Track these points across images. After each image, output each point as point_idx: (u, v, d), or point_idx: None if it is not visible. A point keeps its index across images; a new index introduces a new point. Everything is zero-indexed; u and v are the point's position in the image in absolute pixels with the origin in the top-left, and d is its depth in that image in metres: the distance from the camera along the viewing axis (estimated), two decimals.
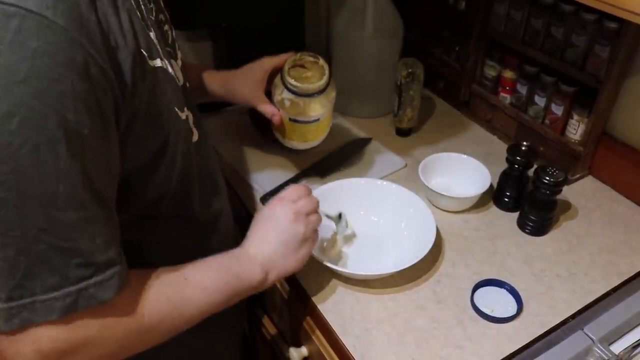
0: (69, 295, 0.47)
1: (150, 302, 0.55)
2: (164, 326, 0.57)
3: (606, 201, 0.95)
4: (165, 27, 0.66)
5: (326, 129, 0.91)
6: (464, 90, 1.16)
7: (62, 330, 0.48)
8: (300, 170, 1.01)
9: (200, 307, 0.60)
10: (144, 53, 0.52)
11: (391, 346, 0.72)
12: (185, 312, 0.58)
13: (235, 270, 0.64)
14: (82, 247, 0.47)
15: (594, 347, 0.74)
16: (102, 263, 0.49)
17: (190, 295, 0.58)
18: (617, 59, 0.86)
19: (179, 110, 0.60)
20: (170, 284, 0.58)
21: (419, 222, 0.86)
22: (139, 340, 0.56)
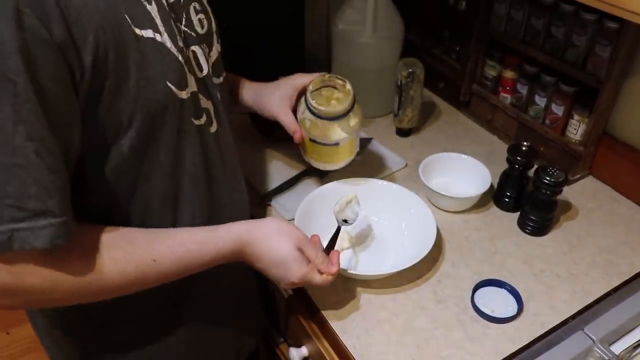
0: (3, 233, 0.49)
1: (108, 261, 0.57)
2: (126, 284, 0.59)
3: (606, 201, 0.95)
4: (200, 16, 0.68)
5: (348, 155, 0.91)
6: (464, 90, 1.16)
7: (2, 269, 0.51)
8: (301, 170, 1.01)
9: (162, 273, 0.62)
10: (127, 18, 0.53)
11: (391, 346, 0.72)
12: (149, 271, 0.61)
13: (208, 260, 0.65)
14: (13, 191, 0.48)
15: (595, 347, 0.74)
16: (37, 211, 0.50)
17: (153, 258, 0.60)
18: (618, 59, 0.86)
19: (177, 87, 0.60)
20: (133, 244, 0.60)
21: (419, 222, 0.86)
22: (97, 294, 0.59)
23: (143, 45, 0.55)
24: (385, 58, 1.12)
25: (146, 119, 0.57)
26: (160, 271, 0.61)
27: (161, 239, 0.62)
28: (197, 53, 0.66)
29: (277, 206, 0.94)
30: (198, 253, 0.64)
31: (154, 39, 0.56)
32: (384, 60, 1.11)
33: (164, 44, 0.58)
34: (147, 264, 0.60)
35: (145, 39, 0.55)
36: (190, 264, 0.64)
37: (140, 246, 0.60)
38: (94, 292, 0.57)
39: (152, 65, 0.56)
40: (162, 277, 0.62)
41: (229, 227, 0.67)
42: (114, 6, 0.52)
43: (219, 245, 0.65)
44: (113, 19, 0.52)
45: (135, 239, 0.60)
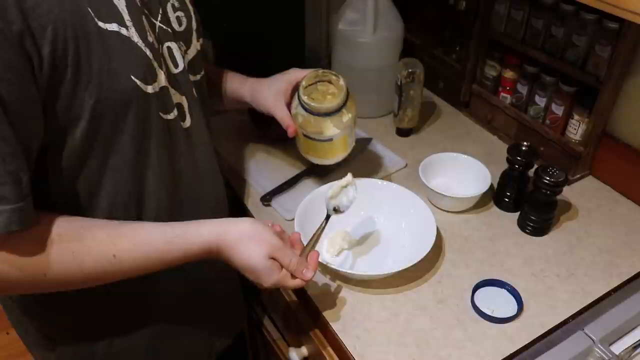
0: None
1: (65, 253, 0.57)
2: (83, 277, 0.60)
3: (606, 201, 0.95)
4: (178, 14, 0.68)
5: (342, 150, 0.91)
6: (465, 90, 1.16)
7: None
8: (300, 170, 1.01)
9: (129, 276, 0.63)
10: (89, 11, 0.53)
11: (391, 346, 0.72)
12: (109, 267, 0.60)
13: (175, 255, 0.64)
14: None
15: (595, 347, 0.74)
16: None
17: (116, 272, 0.61)
18: (618, 59, 0.86)
19: (142, 81, 0.60)
20: (94, 255, 0.59)
21: (419, 222, 0.86)
22: (51, 285, 0.59)
23: (106, 39, 0.55)
24: (385, 58, 1.12)
25: (109, 111, 0.57)
26: (121, 268, 0.61)
27: (126, 234, 0.61)
28: (173, 49, 0.66)
29: (277, 206, 0.94)
30: (162, 254, 0.63)
31: (118, 32, 0.57)
32: (384, 60, 1.11)
33: (130, 38, 0.58)
34: (107, 259, 0.59)
35: (109, 32, 0.56)
36: (153, 263, 0.63)
37: (102, 240, 0.59)
38: (48, 282, 0.58)
39: (116, 59, 0.56)
40: (121, 274, 0.62)
41: (200, 228, 0.65)
42: (76, 1, 0.52)
43: (186, 247, 0.64)
44: (74, 11, 0.52)
45: (97, 232, 0.60)
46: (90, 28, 0.54)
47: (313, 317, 0.80)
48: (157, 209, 0.68)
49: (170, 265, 0.64)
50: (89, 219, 0.61)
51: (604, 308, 0.78)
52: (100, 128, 0.58)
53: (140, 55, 0.60)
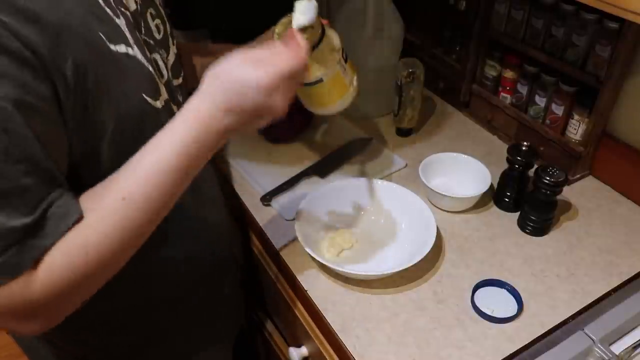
0: (13, 256, 0.48)
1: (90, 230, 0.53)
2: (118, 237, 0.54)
3: (606, 201, 0.95)
4: (156, 22, 0.67)
5: (343, 90, 0.81)
6: (465, 90, 1.16)
7: (20, 287, 0.49)
8: (300, 170, 1.01)
9: (154, 217, 0.56)
10: (101, 36, 0.53)
11: (391, 346, 0.72)
12: (136, 231, 0.55)
13: (184, 156, 0.55)
14: (9, 215, 0.47)
15: (595, 347, 0.74)
16: (38, 217, 0.49)
17: (136, 217, 0.54)
18: (618, 59, 0.85)
19: (152, 98, 0.59)
20: (108, 212, 0.54)
21: (419, 222, 0.86)
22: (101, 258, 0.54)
23: (118, 61, 0.55)
24: (385, 58, 1.12)
25: (128, 131, 0.57)
26: (140, 204, 0.54)
27: (123, 176, 0.55)
28: (157, 60, 0.65)
29: (277, 206, 0.94)
30: (160, 163, 0.55)
31: (127, 54, 0.57)
32: (384, 60, 1.11)
33: (136, 56, 0.58)
34: (120, 206, 0.54)
35: (120, 54, 0.56)
36: (161, 180, 0.55)
37: (105, 195, 0.54)
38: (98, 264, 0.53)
39: (128, 79, 0.57)
40: (147, 207, 0.55)
41: (175, 116, 0.57)
42: (89, 24, 0.52)
43: (179, 138, 0.55)
44: (89, 37, 0.52)
45: (97, 192, 0.55)
46: (104, 52, 0.54)
47: (313, 317, 0.80)
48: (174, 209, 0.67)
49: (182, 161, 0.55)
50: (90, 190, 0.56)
51: (604, 308, 0.78)
52: (122, 147, 0.57)
53: (146, 73, 0.60)
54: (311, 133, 1.12)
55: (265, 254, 0.94)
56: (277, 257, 0.88)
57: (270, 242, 0.88)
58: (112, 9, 0.57)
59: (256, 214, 0.94)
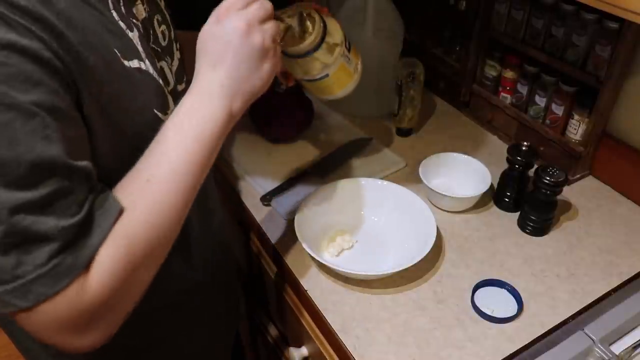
0: (68, 256, 0.47)
1: (129, 226, 0.52)
2: (160, 233, 0.54)
3: (606, 201, 0.95)
4: (162, 28, 0.67)
5: (348, 79, 0.82)
6: (465, 90, 1.16)
7: (74, 292, 0.48)
8: (300, 170, 1.01)
9: (182, 196, 0.55)
10: (116, 52, 0.53)
11: (391, 346, 0.72)
12: (168, 213, 0.54)
13: (194, 126, 0.55)
14: (59, 217, 0.47)
15: (595, 347, 0.74)
16: (85, 216, 0.49)
17: (164, 195, 0.54)
18: (618, 59, 0.86)
19: (161, 112, 0.59)
20: (139, 196, 0.53)
21: (419, 222, 0.86)
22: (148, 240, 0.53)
23: (131, 76, 0.55)
24: (385, 58, 1.12)
25: (139, 144, 0.56)
26: (165, 182, 0.54)
27: (142, 162, 0.55)
28: (164, 67, 0.65)
29: (277, 206, 0.94)
30: (176, 137, 0.55)
31: (139, 69, 0.57)
32: (383, 60, 1.11)
33: (147, 70, 0.58)
34: (146, 187, 0.53)
35: (133, 70, 0.56)
36: (180, 154, 0.55)
37: (130, 181, 0.54)
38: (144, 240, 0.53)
39: (141, 95, 0.56)
40: (174, 184, 0.54)
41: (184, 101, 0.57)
42: (106, 43, 0.52)
43: (177, 111, 0.57)
44: (107, 56, 0.52)
45: (123, 184, 0.54)
46: (119, 69, 0.53)
47: (313, 317, 0.80)
48: None
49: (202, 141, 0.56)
50: None
51: (604, 308, 0.78)
52: (131, 159, 0.56)
53: (156, 86, 0.59)
54: (311, 133, 1.12)
55: (265, 254, 0.94)
56: (277, 257, 0.88)
57: (270, 242, 0.88)
58: (126, 22, 0.57)
59: (256, 214, 0.94)
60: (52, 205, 0.47)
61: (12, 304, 0.47)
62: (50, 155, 0.46)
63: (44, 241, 0.46)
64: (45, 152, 0.46)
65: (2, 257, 0.45)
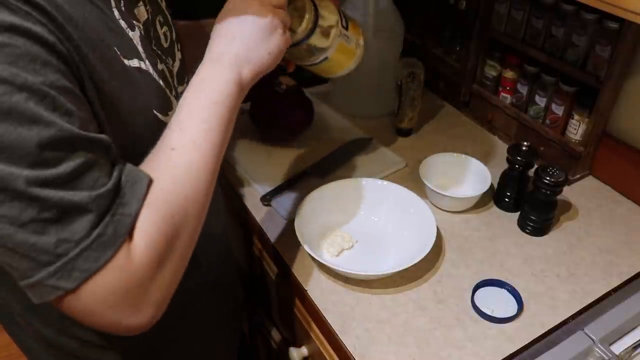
0: (108, 226, 0.46)
1: (164, 192, 0.52)
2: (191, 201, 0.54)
3: (606, 201, 0.95)
4: (164, 29, 0.67)
5: (351, 56, 0.82)
6: (465, 90, 1.16)
7: (120, 264, 0.47)
8: (300, 170, 1.01)
9: (203, 163, 0.55)
10: (116, 51, 0.53)
11: (391, 346, 0.72)
12: (196, 182, 0.54)
13: (207, 94, 0.57)
14: (92, 182, 0.46)
15: (595, 347, 0.74)
16: (115, 184, 0.48)
17: (189, 163, 0.54)
18: (618, 59, 0.86)
19: (161, 113, 0.59)
20: (165, 166, 0.53)
21: (419, 222, 0.86)
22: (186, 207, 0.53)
23: (131, 76, 0.55)
24: (385, 58, 1.12)
25: (138, 145, 0.56)
26: (188, 148, 0.54)
27: (164, 134, 0.56)
28: (165, 70, 0.65)
29: (277, 206, 0.94)
30: (190, 106, 0.56)
31: (139, 68, 0.56)
32: (384, 60, 1.11)
33: (147, 70, 0.58)
34: (173, 155, 0.54)
35: (132, 69, 0.55)
36: (198, 121, 0.56)
37: (156, 154, 0.55)
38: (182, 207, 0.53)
39: (141, 95, 0.56)
40: (199, 154, 0.55)
41: (198, 71, 0.59)
42: (106, 40, 0.52)
43: (192, 81, 0.58)
44: (106, 54, 0.52)
45: (148, 158, 0.55)
46: (118, 68, 0.53)
47: (313, 317, 0.80)
48: None
49: (221, 106, 0.57)
50: None
51: (604, 308, 0.78)
52: (130, 158, 0.56)
53: (156, 87, 0.59)
54: (311, 133, 1.12)
55: (265, 254, 0.94)
56: (277, 257, 0.88)
57: (270, 242, 0.88)
58: (127, 22, 0.56)
59: (256, 214, 0.94)
60: (79, 178, 0.46)
61: (58, 286, 0.45)
62: (69, 129, 0.45)
63: (81, 212, 0.45)
64: (63, 128, 0.45)
65: (41, 237, 0.44)
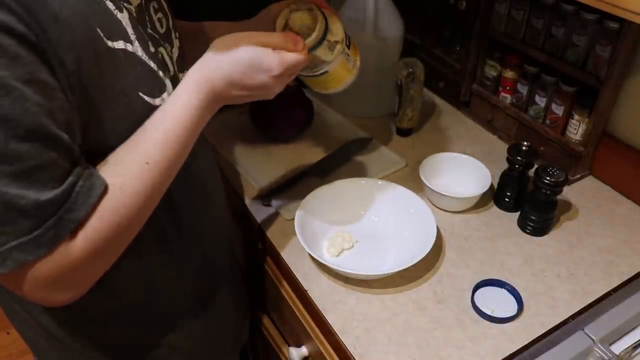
0: (50, 229, 0.50)
1: (117, 202, 0.55)
2: (139, 209, 0.57)
3: (606, 201, 0.95)
4: (159, 15, 0.67)
5: (347, 75, 0.83)
6: (465, 90, 1.16)
7: (55, 260, 0.51)
8: (300, 170, 1.01)
9: (167, 182, 0.61)
10: (99, 32, 0.53)
11: (391, 346, 0.72)
12: (156, 196, 0.60)
13: (185, 120, 0.60)
14: (39, 190, 0.49)
15: (595, 347, 0.74)
16: (65, 192, 0.50)
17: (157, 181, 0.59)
18: (618, 59, 0.86)
19: (148, 96, 0.59)
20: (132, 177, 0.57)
21: (419, 222, 0.86)
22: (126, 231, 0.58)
23: (115, 57, 0.55)
24: (385, 58, 1.12)
25: (125, 129, 0.57)
26: (161, 167, 0.58)
27: (143, 142, 0.58)
28: (163, 54, 0.65)
29: (277, 206, 0.94)
30: (176, 128, 0.59)
31: (125, 50, 0.56)
32: (384, 60, 1.11)
33: (135, 53, 0.58)
34: (145, 170, 0.57)
35: (117, 51, 0.55)
36: (178, 143, 0.59)
37: (129, 160, 0.57)
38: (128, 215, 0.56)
39: (125, 77, 0.56)
40: (167, 168, 0.59)
41: (184, 81, 0.61)
42: (87, 21, 0.52)
43: (191, 104, 0.60)
44: (86, 34, 0.52)
45: (120, 157, 0.57)
46: (101, 49, 0.53)
47: (313, 317, 0.80)
48: (180, 209, 0.69)
49: (193, 126, 0.61)
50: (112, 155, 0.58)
51: (604, 308, 0.78)
52: (117, 142, 0.58)
53: (145, 70, 0.59)
54: (311, 133, 1.12)
55: (265, 254, 0.94)
56: (277, 257, 0.88)
57: (271, 242, 0.88)
58: (115, 3, 0.56)
59: (256, 214, 0.94)
60: (31, 177, 0.48)
61: None
62: (33, 126, 0.47)
63: (25, 216, 0.48)
64: (27, 122, 0.47)
65: None
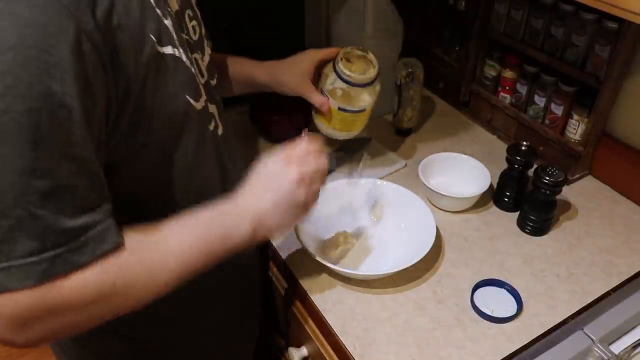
0: (45, 261, 0.47)
1: (122, 268, 0.53)
2: (133, 293, 0.55)
3: (606, 201, 0.95)
4: (193, 23, 0.68)
5: (366, 120, 0.92)
6: (464, 90, 1.16)
7: (37, 295, 0.47)
8: None
9: (175, 272, 0.58)
10: (152, 37, 0.54)
11: (391, 346, 0.72)
12: (158, 278, 0.56)
13: (220, 231, 0.60)
14: (57, 214, 0.47)
15: (594, 347, 0.74)
16: (78, 229, 0.49)
17: (166, 260, 0.56)
18: (617, 59, 0.86)
19: (193, 99, 0.60)
20: (147, 247, 0.55)
21: (419, 222, 0.86)
22: (108, 309, 0.54)
23: (165, 62, 0.56)
24: (385, 58, 1.11)
25: (171, 132, 0.58)
26: (175, 271, 0.58)
27: (173, 243, 0.58)
28: (197, 59, 0.66)
29: None
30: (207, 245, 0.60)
31: (173, 55, 0.57)
32: (383, 60, 1.11)
33: (181, 57, 0.59)
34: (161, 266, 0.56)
35: (167, 56, 0.56)
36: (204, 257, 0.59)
37: (153, 250, 0.56)
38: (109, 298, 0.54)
39: (173, 81, 0.57)
40: (180, 273, 0.58)
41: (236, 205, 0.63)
42: (142, 28, 0.53)
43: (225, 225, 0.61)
44: (141, 40, 0.52)
45: (149, 240, 0.56)
46: (153, 54, 0.54)
47: (313, 317, 0.80)
48: None
49: None
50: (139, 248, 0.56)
51: (603, 308, 0.78)
52: (164, 148, 0.58)
53: (189, 74, 0.60)
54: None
55: (265, 255, 0.94)
56: (277, 257, 0.88)
57: (270, 242, 0.88)
58: (162, 9, 0.57)
59: None
60: (55, 199, 0.47)
61: None
62: (79, 152, 0.47)
63: (30, 238, 0.46)
64: (73, 149, 0.47)
65: None
